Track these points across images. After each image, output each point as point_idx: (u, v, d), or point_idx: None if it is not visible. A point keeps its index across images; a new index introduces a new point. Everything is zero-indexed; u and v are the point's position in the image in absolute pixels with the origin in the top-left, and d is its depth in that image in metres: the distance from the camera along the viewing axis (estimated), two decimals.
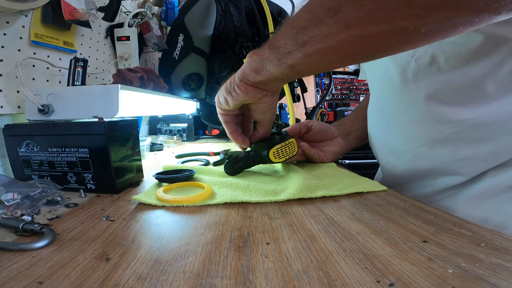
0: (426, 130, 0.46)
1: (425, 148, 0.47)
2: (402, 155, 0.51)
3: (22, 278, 0.21)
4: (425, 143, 0.47)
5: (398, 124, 0.51)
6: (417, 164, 0.49)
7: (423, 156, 0.48)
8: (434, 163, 0.47)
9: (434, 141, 0.46)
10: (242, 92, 0.43)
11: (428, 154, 0.47)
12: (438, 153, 0.46)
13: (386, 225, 0.31)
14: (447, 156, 0.45)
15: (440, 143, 0.45)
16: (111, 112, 0.47)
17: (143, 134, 1.14)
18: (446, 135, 0.44)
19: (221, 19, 1.07)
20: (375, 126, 0.58)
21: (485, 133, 0.41)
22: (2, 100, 0.52)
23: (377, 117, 0.57)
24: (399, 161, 0.53)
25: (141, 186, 0.49)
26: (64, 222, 0.32)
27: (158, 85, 0.77)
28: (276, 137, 0.52)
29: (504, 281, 0.20)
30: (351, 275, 0.21)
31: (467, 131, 0.42)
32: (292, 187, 0.42)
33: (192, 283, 0.21)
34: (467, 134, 0.43)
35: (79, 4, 0.61)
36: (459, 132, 0.43)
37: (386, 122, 0.54)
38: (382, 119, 0.55)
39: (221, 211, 0.36)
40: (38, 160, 0.44)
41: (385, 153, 0.56)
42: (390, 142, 0.54)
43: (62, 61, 0.67)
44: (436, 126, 0.45)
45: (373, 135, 0.59)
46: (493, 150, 0.41)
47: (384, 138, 0.55)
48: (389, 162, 0.55)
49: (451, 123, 0.43)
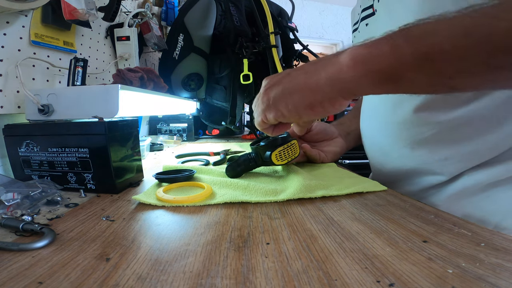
0: (409, 131, 0.48)
1: (408, 149, 0.49)
2: (389, 154, 0.53)
3: (22, 278, 0.21)
4: (408, 144, 0.49)
5: (386, 125, 0.52)
6: (402, 164, 0.51)
7: (407, 156, 0.50)
8: (417, 163, 0.49)
9: (415, 142, 0.48)
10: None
11: (411, 155, 0.49)
12: (419, 154, 0.48)
13: (386, 225, 0.31)
14: (427, 157, 0.47)
15: (421, 144, 0.47)
16: (111, 112, 0.47)
17: (143, 134, 1.14)
18: (426, 137, 0.46)
19: (221, 19, 1.07)
20: (367, 126, 0.59)
21: (460, 134, 0.44)
22: (2, 100, 0.52)
23: (369, 117, 0.58)
24: (386, 161, 0.54)
25: (141, 186, 0.49)
26: (64, 222, 0.32)
27: (158, 85, 0.77)
28: (278, 139, 0.51)
29: (504, 281, 0.20)
30: (351, 275, 0.21)
31: (444, 132, 0.45)
32: (292, 187, 0.42)
33: (192, 283, 0.21)
34: (444, 135, 0.45)
35: (79, 4, 0.61)
36: (437, 134, 0.45)
37: (376, 122, 0.55)
38: (373, 119, 0.56)
39: (221, 211, 0.36)
40: (38, 160, 0.44)
41: (374, 152, 0.58)
42: (379, 142, 0.55)
43: (62, 61, 0.67)
44: (417, 128, 0.46)
45: (365, 134, 0.60)
46: (468, 151, 0.44)
47: (374, 137, 0.57)
48: (378, 161, 0.57)
49: (430, 125, 0.45)
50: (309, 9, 3.72)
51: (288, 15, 1.27)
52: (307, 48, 1.18)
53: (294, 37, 1.21)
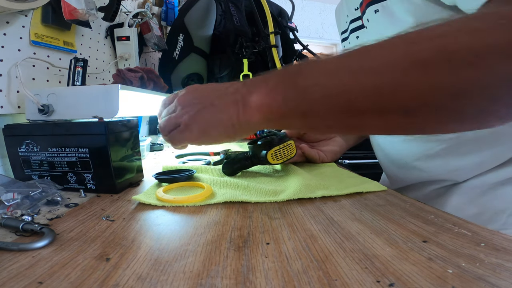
0: (420, 147, 0.51)
1: (421, 162, 0.52)
2: (402, 167, 0.56)
3: (22, 278, 0.21)
4: (420, 158, 0.52)
5: (399, 141, 0.55)
6: (415, 175, 0.55)
7: (419, 169, 0.53)
8: (430, 174, 0.52)
9: (427, 156, 0.51)
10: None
11: (424, 167, 0.52)
12: (431, 165, 0.51)
13: (386, 225, 0.31)
14: (440, 168, 0.50)
15: (433, 158, 0.50)
16: (111, 112, 0.47)
17: (143, 134, 1.14)
18: (437, 151, 0.49)
19: (221, 19, 1.07)
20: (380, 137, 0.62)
21: (469, 148, 0.46)
22: (2, 100, 0.52)
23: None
24: (399, 172, 0.58)
25: (141, 186, 0.49)
26: (64, 222, 0.32)
27: (158, 85, 0.77)
28: (275, 139, 0.51)
29: (504, 281, 0.20)
30: (351, 275, 0.21)
31: (453, 147, 0.47)
32: (292, 187, 0.42)
33: (192, 283, 0.21)
34: (454, 149, 0.48)
35: (79, 4, 0.61)
36: (448, 148, 0.48)
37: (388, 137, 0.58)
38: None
39: (221, 211, 0.36)
40: (38, 160, 0.44)
41: (388, 163, 0.61)
42: (391, 155, 0.59)
43: (62, 61, 0.67)
44: (428, 144, 0.50)
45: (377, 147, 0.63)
46: (478, 161, 0.46)
47: (387, 151, 0.60)
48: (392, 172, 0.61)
49: (439, 141, 0.48)
50: (309, 9, 3.72)
51: (288, 15, 1.27)
52: (307, 48, 1.18)
53: (294, 37, 1.21)
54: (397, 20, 0.44)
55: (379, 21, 0.49)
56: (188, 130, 0.38)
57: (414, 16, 0.42)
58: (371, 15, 0.50)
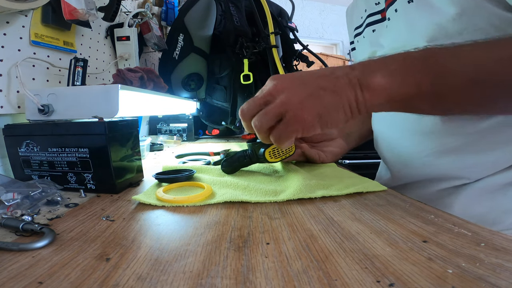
0: (433, 142, 0.48)
1: (431, 158, 0.49)
2: (409, 163, 0.53)
3: (22, 278, 0.21)
4: (431, 154, 0.49)
5: (410, 134, 0.52)
6: (423, 172, 0.52)
7: (429, 165, 0.50)
8: (439, 171, 0.49)
9: (441, 152, 0.48)
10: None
11: (436, 163, 0.49)
12: (444, 162, 0.48)
13: (386, 225, 0.31)
14: (453, 165, 0.47)
15: (446, 153, 0.47)
16: (111, 112, 0.47)
17: (143, 134, 1.14)
18: (453, 147, 0.46)
19: (221, 19, 1.07)
20: (387, 130, 0.59)
21: (487, 144, 0.44)
22: (2, 100, 0.52)
23: (388, 125, 0.58)
24: (406, 168, 0.55)
25: (141, 186, 0.49)
26: (64, 222, 0.32)
27: (158, 85, 0.77)
28: None
29: (504, 281, 0.20)
30: (351, 275, 0.21)
31: (470, 143, 0.45)
32: (292, 187, 0.42)
33: (192, 283, 0.21)
34: (470, 145, 0.45)
35: (79, 4, 0.61)
36: (464, 145, 0.45)
37: (397, 130, 0.55)
38: (393, 127, 0.56)
39: (221, 211, 0.36)
40: (38, 160, 0.44)
41: (393, 159, 0.58)
42: (399, 150, 0.56)
43: (62, 61, 0.67)
44: (443, 139, 0.47)
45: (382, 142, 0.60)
46: (493, 159, 0.44)
47: (394, 146, 0.57)
48: (396, 168, 0.58)
49: (457, 135, 0.46)
50: (309, 9, 3.72)
51: (288, 15, 1.27)
52: (307, 48, 1.18)
53: (294, 37, 1.21)
54: (436, 10, 0.42)
55: (410, 12, 0.47)
56: (298, 119, 0.35)
57: (458, 5, 0.40)
58: (403, 6, 0.48)
